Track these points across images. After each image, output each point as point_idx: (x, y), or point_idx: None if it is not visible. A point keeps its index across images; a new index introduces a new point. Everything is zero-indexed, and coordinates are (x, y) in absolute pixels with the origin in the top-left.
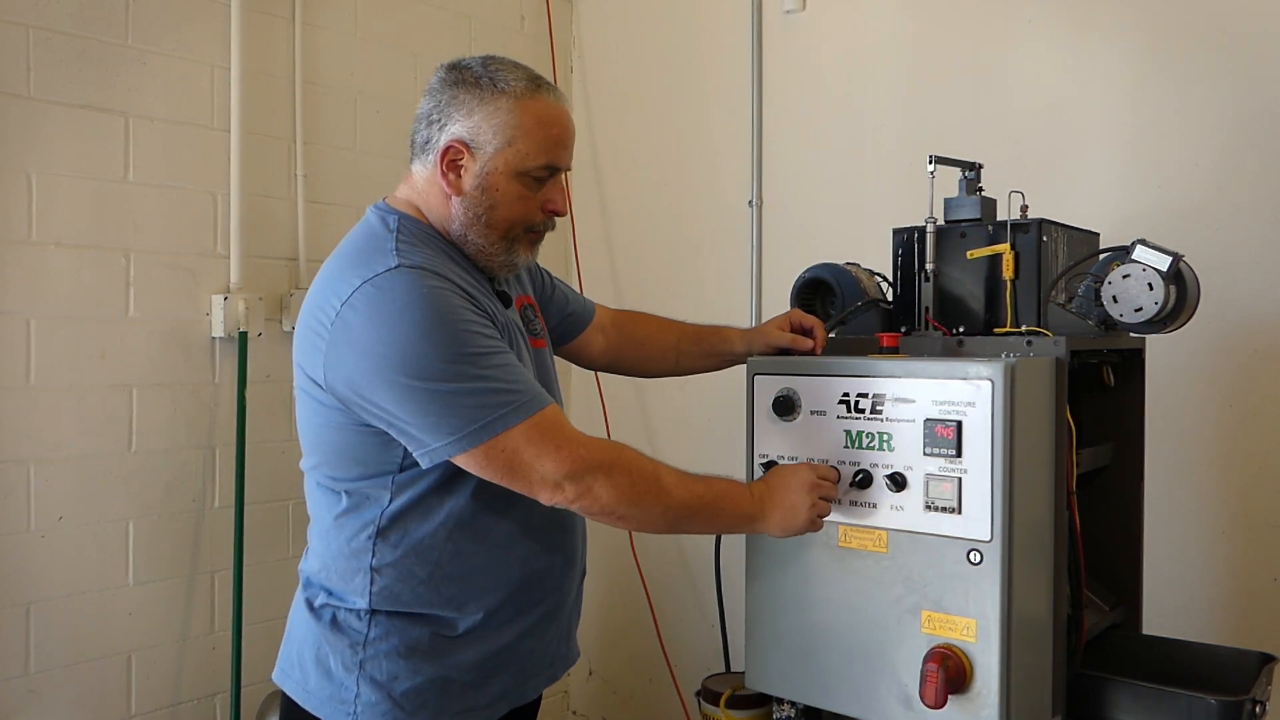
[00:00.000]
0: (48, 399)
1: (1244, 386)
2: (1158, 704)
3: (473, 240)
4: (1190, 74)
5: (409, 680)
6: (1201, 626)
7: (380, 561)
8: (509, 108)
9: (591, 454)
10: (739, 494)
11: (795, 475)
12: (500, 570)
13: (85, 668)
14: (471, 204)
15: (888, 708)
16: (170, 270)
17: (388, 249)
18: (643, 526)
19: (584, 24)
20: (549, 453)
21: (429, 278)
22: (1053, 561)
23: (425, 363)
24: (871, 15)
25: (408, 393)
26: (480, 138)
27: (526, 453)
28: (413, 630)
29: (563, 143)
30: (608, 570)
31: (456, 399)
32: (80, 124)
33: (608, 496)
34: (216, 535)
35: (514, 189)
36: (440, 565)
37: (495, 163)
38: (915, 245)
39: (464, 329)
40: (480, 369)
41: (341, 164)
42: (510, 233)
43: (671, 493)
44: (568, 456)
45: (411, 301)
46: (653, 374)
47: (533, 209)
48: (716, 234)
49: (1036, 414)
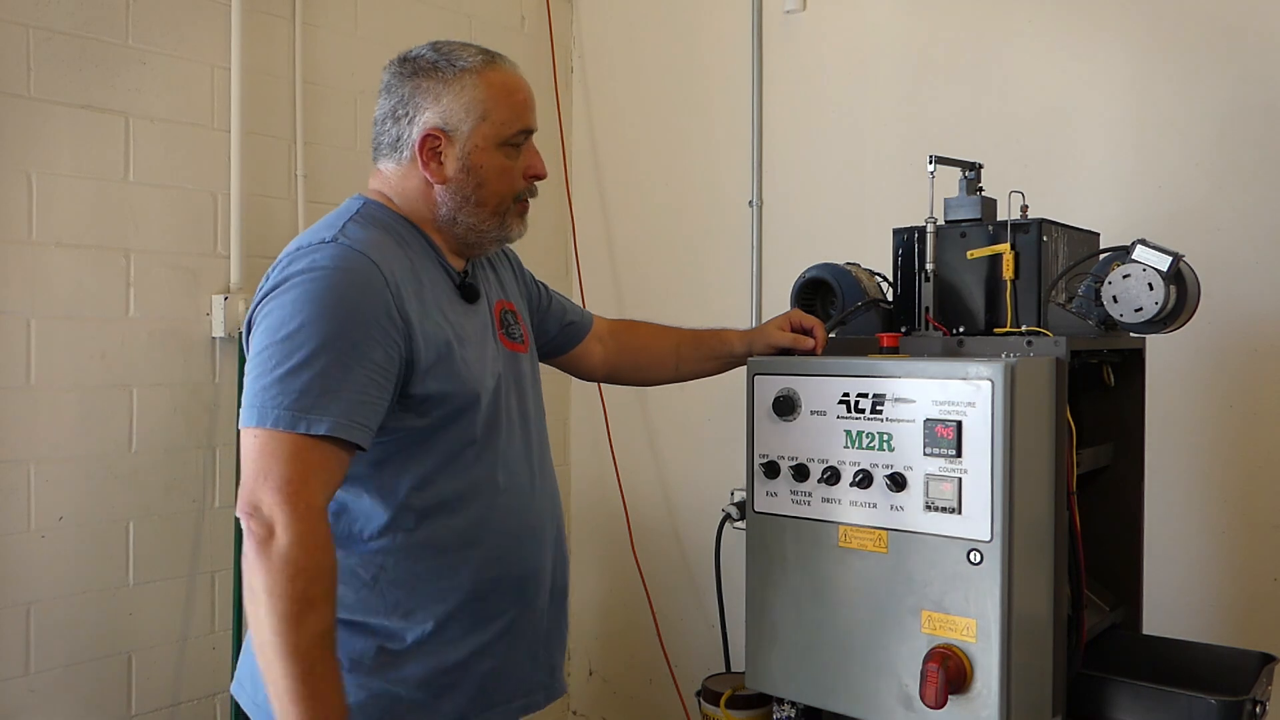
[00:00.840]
0: (48, 399)
1: (1244, 386)
2: (1158, 704)
3: (463, 222)
4: (1190, 74)
5: (352, 695)
6: (1201, 626)
7: None
8: (474, 84)
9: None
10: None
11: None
12: (449, 578)
13: (85, 668)
14: (458, 187)
15: (888, 708)
16: (170, 270)
17: (337, 225)
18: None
19: (584, 24)
20: (275, 476)
21: (351, 255)
22: (1053, 561)
23: (283, 330)
24: (872, 15)
25: (257, 347)
26: (454, 120)
27: (267, 457)
28: (358, 642)
29: (529, 106)
30: (608, 570)
31: (277, 372)
32: (81, 124)
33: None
34: (216, 535)
35: (497, 161)
36: (385, 569)
37: (474, 140)
38: (915, 245)
39: (337, 320)
40: (312, 360)
41: (341, 164)
42: (500, 206)
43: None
44: (286, 498)
45: (317, 271)
46: (654, 381)
47: (516, 178)
48: (716, 234)
49: (1036, 414)
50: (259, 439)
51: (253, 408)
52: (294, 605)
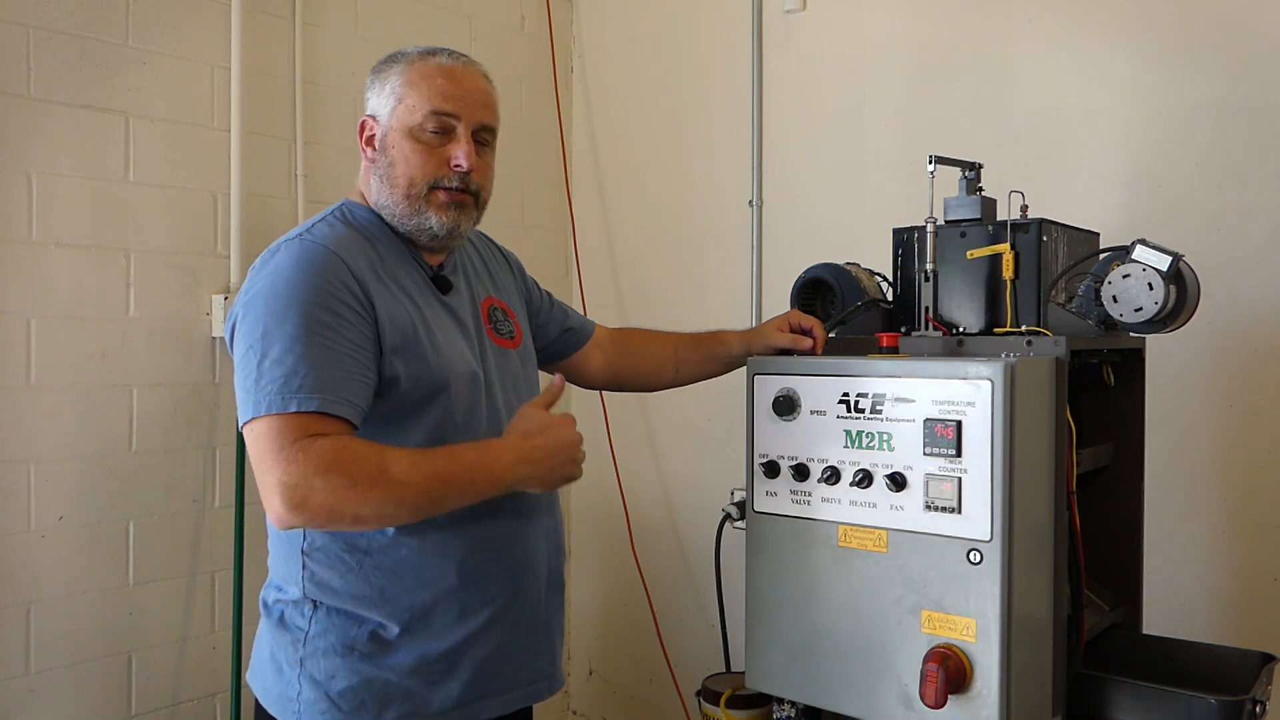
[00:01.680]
0: (48, 399)
1: (1244, 386)
2: (1158, 704)
3: (384, 206)
4: (1190, 74)
5: (346, 680)
6: (1201, 626)
7: (310, 545)
8: (400, 71)
9: (306, 458)
10: (491, 459)
11: (556, 430)
12: (433, 565)
13: (85, 668)
14: (377, 167)
15: (888, 707)
16: (171, 270)
17: (307, 226)
18: (383, 522)
19: (584, 24)
20: (270, 453)
21: (313, 249)
22: (1053, 561)
23: (260, 327)
24: (872, 15)
25: (240, 350)
26: (380, 105)
27: (260, 445)
28: (350, 628)
29: (451, 95)
30: (608, 570)
31: (260, 366)
32: (81, 124)
33: (328, 500)
34: (216, 535)
35: (407, 145)
36: (369, 554)
37: (390, 123)
38: (915, 245)
39: (307, 306)
40: (290, 346)
41: (342, 164)
42: (411, 189)
43: (403, 481)
44: (284, 460)
45: (280, 267)
46: (655, 386)
47: (430, 164)
48: (716, 234)
49: (1036, 414)
50: (255, 431)
51: (245, 404)
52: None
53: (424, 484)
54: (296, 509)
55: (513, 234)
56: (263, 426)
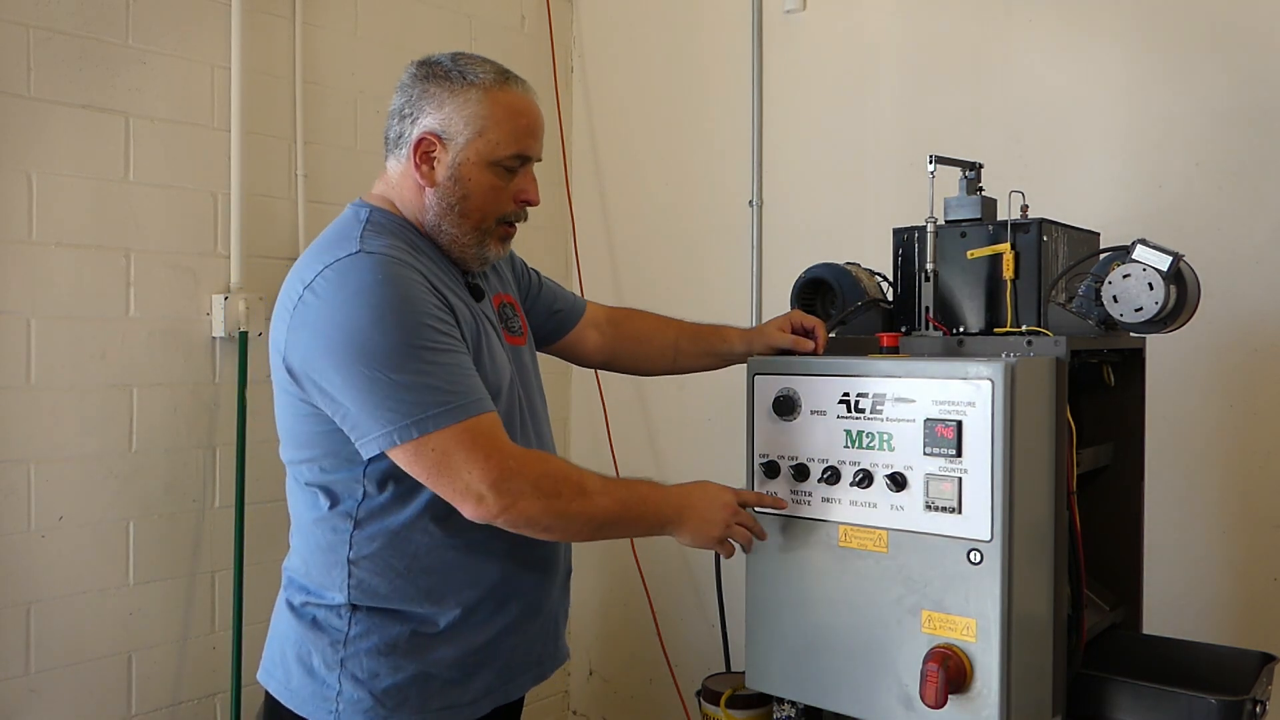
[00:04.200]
0: (48, 399)
1: (1244, 386)
2: (1158, 704)
3: (446, 230)
4: (1190, 73)
5: (390, 677)
6: (1201, 626)
7: (357, 554)
8: (479, 99)
9: (519, 465)
10: (660, 499)
11: (719, 494)
12: (477, 565)
13: (85, 668)
14: (445, 194)
15: (888, 707)
16: (171, 270)
17: (353, 236)
18: (568, 537)
19: (584, 24)
20: (478, 460)
21: (390, 264)
22: (1053, 561)
23: (372, 349)
24: (872, 15)
25: (352, 377)
26: (451, 129)
27: (455, 456)
28: (392, 628)
29: (532, 132)
30: (608, 570)
31: (396, 390)
32: (81, 124)
33: (533, 509)
34: (216, 535)
35: (486, 179)
36: (417, 558)
37: (467, 153)
38: (915, 245)
39: (416, 320)
40: (425, 363)
41: (342, 164)
42: (483, 223)
43: (596, 502)
44: (495, 466)
45: (367, 286)
46: (650, 372)
47: (504, 199)
48: (716, 234)
49: (1037, 414)
50: (433, 446)
51: (390, 426)
52: (578, 509)
53: (611, 506)
54: (505, 510)
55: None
56: (444, 439)
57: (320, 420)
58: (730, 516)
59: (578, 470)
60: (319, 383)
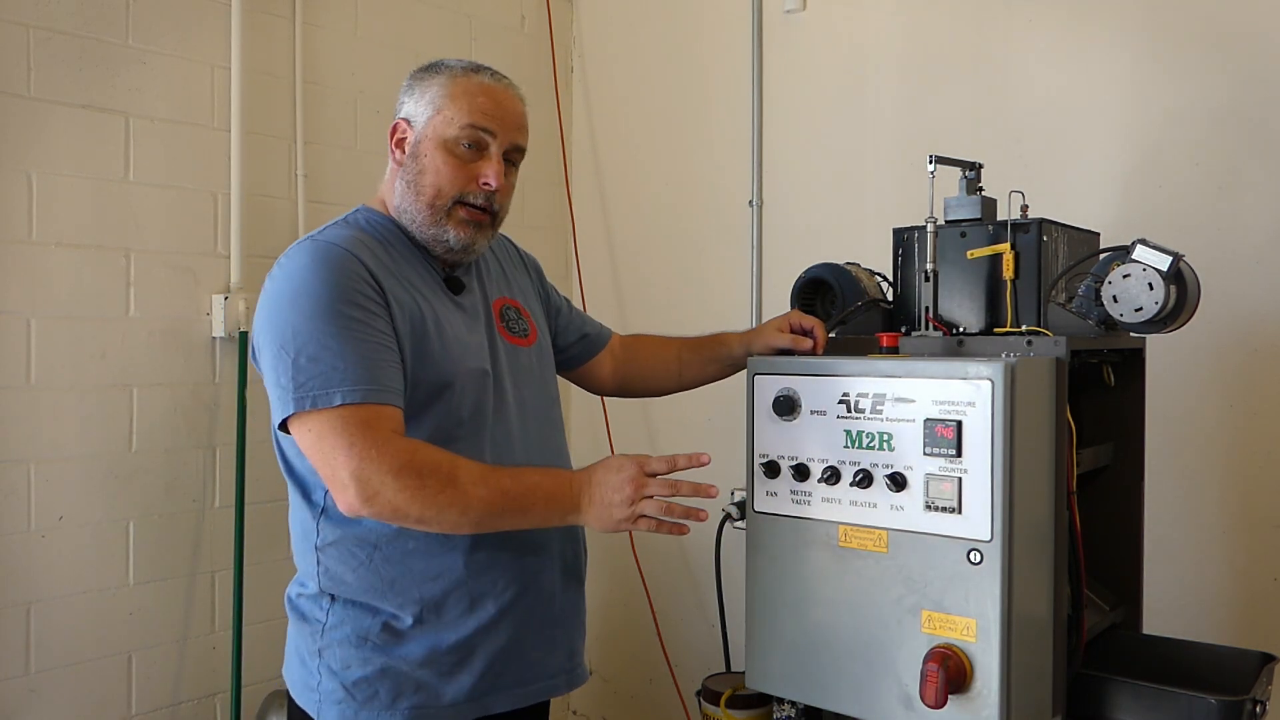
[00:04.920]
0: (48, 399)
1: (1244, 386)
2: (1158, 704)
3: (406, 211)
4: (1190, 73)
5: (360, 669)
6: (1201, 626)
7: (323, 541)
8: (442, 83)
9: (382, 455)
10: (553, 486)
11: (618, 470)
12: (440, 556)
13: (85, 668)
14: (406, 171)
15: (888, 708)
16: (171, 270)
17: (321, 229)
18: (445, 528)
19: (584, 24)
20: (341, 448)
21: (328, 249)
22: (1053, 561)
23: (287, 327)
24: (872, 15)
25: (268, 352)
26: (418, 111)
27: (326, 440)
28: (364, 619)
29: (489, 113)
30: (608, 570)
31: (294, 366)
32: (81, 124)
33: (397, 500)
34: (216, 535)
35: (440, 155)
36: (377, 547)
37: (425, 130)
38: (915, 245)
39: (331, 301)
40: (326, 344)
41: (342, 164)
42: (437, 200)
43: (469, 492)
44: (357, 454)
45: (298, 268)
46: (660, 391)
47: (461, 178)
48: (716, 234)
49: (1036, 414)
50: (311, 426)
51: (284, 401)
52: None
53: (489, 497)
54: (368, 502)
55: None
56: (320, 421)
57: None
58: (634, 490)
59: (451, 460)
60: (258, 362)
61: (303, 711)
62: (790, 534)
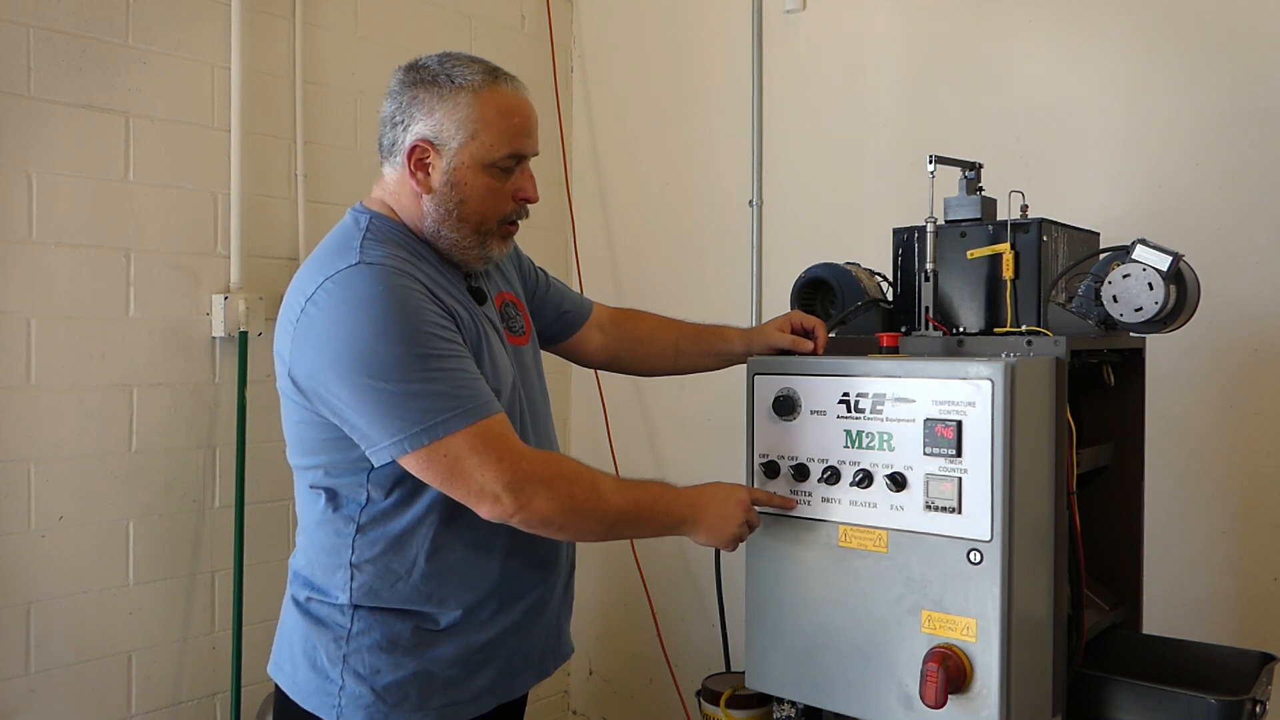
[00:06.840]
0: (48, 399)
1: (1244, 386)
2: (1158, 704)
3: (446, 235)
4: (1190, 73)
5: (391, 674)
6: (1201, 626)
7: (359, 558)
8: (469, 102)
9: (532, 466)
10: (672, 498)
11: (733, 492)
12: (479, 567)
13: (85, 668)
14: (442, 200)
15: (888, 707)
16: (171, 270)
17: (353, 246)
18: (581, 536)
19: (584, 24)
20: (490, 462)
21: (390, 274)
22: (1053, 561)
23: (377, 360)
24: (872, 15)
25: (358, 389)
26: (444, 134)
27: (468, 460)
28: (394, 625)
29: (524, 130)
30: (608, 570)
31: (404, 399)
32: (81, 124)
33: (547, 509)
34: (216, 535)
35: (482, 181)
36: (418, 562)
37: (461, 157)
38: (915, 245)
39: (419, 328)
40: (431, 370)
41: (342, 164)
42: (483, 226)
43: (610, 500)
44: (509, 467)
45: (368, 298)
46: (651, 372)
47: (503, 200)
48: (716, 234)
49: (1036, 414)
50: (447, 450)
51: (400, 434)
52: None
53: (625, 506)
54: (520, 510)
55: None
56: (455, 444)
57: (326, 428)
58: (745, 514)
59: (590, 470)
60: (325, 396)
61: (307, 714)
62: (790, 534)
